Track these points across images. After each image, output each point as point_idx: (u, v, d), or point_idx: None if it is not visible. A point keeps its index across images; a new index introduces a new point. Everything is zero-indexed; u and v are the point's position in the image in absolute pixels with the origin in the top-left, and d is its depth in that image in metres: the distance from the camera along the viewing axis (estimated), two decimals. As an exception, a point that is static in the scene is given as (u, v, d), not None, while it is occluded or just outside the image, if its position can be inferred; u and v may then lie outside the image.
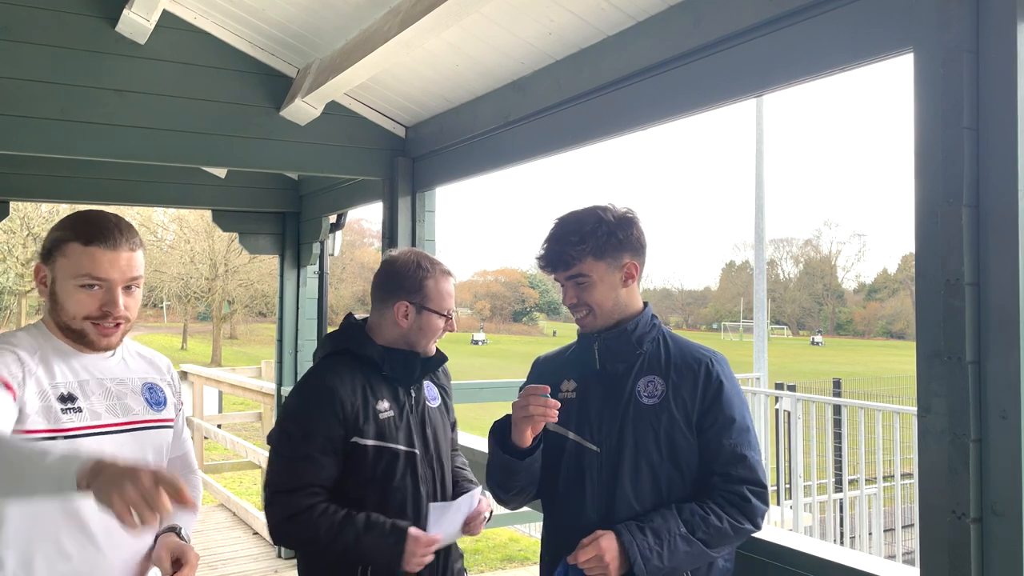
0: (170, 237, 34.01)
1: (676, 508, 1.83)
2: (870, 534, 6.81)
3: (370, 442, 2.12)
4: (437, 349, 2.33)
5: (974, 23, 1.66)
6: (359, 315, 2.36)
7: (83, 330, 1.80)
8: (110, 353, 1.89)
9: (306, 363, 5.68)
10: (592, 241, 1.89)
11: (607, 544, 1.77)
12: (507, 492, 2.01)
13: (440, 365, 2.35)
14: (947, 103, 1.68)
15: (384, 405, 2.18)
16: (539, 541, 2.14)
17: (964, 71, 1.66)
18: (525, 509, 3.46)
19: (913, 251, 1.74)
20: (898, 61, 1.88)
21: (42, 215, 28.22)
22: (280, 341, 5.73)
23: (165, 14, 3.50)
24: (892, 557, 6.48)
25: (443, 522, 2.14)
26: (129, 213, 31.38)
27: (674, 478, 1.87)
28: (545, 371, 2.09)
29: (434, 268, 2.25)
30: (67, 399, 1.75)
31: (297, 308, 5.68)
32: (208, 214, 6.90)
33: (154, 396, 1.94)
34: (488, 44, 3.05)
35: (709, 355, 1.94)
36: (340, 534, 2.04)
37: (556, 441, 1.95)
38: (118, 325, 1.82)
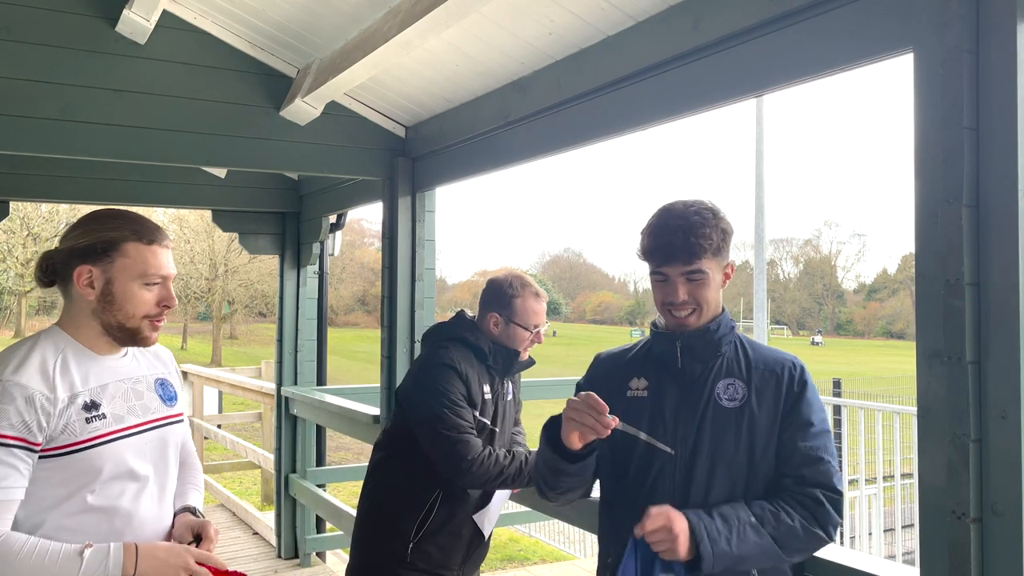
0: (170, 237, 33.95)
1: (745, 502, 1.78)
2: (870, 534, 6.81)
3: (476, 414, 2.66)
4: (529, 356, 2.84)
5: (974, 23, 1.66)
6: (470, 312, 2.87)
7: (139, 328, 1.83)
8: (124, 352, 1.90)
9: (306, 363, 5.70)
10: (716, 237, 1.84)
11: (674, 515, 1.70)
12: (552, 490, 1.97)
13: (529, 367, 2.85)
14: (947, 103, 1.68)
15: (487, 388, 2.72)
16: (538, 542, 2.14)
17: (964, 71, 1.65)
18: (525, 509, 3.47)
19: (913, 251, 1.74)
20: (898, 61, 1.88)
21: (42, 215, 28.24)
22: (280, 341, 5.73)
23: (165, 14, 3.50)
24: (892, 557, 6.48)
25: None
26: (129, 213, 31.26)
27: (751, 485, 1.82)
28: (611, 368, 2.01)
29: (524, 290, 2.75)
30: (91, 407, 1.75)
31: (297, 308, 5.68)
32: (208, 214, 6.90)
33: (166, 392, 1.96)
34: (488, 44, 3.05)
35: (790, 359, 1.91)
36: (515, 456, 2.63)
37: (626, 441, 1.87)
38: (163, 319, 1.87)
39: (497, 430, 2.76)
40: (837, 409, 7.28)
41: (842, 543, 6.91)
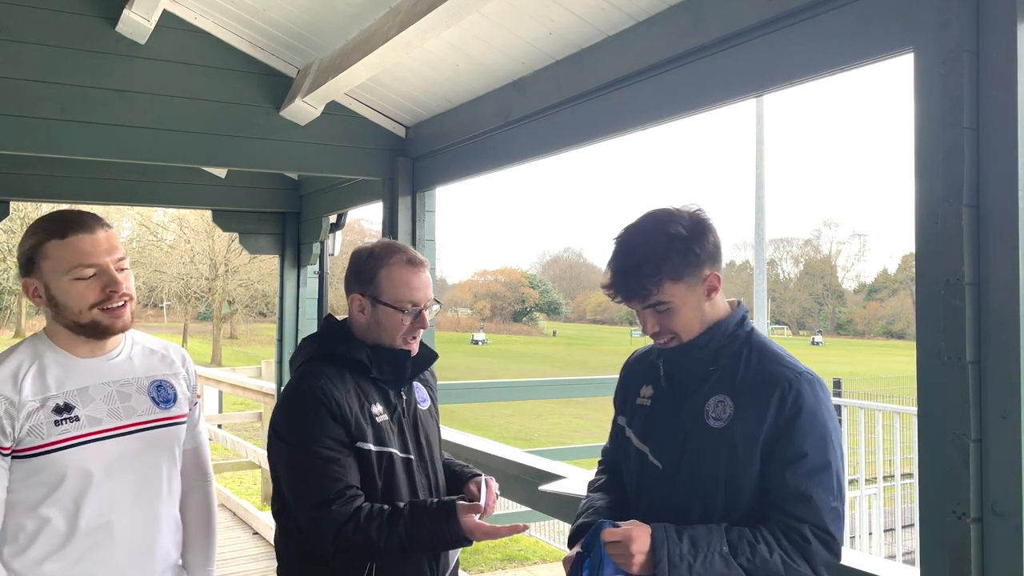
0: (170, 237, 34.00)
1: (725, 527, 1.67)
2: (870, 534, 6.81)
3: (372, 447, 1.99)
4: (424, 346, 2.15)
5: (974, 23, 1.66)
6: (340, 316, 2.19)
7: (94, 320, 1.78)
8: (115, 353, 1.87)
9: (306, 363, 5.68)
10: (668, 266, 1.70)
11: (637, 534, 1.64)
12: None
13: (429, 364, 2.18)
14: (947, 103, 1.67)
15: (378, 408, 2.03)
16: (538, 541, 2.13)
17: (964, 71, 1.65)
18: (525, 509, 3.46)
19: (913, 251, 1.74)
20: (898, 61, 1.88)
21: (42, 215, 28.20)
22: (280, 341, 5.73)
23: (165, 14, 3.50)
24: (892, 557, 6.47)
25: None
26: (129, 213, 31.34)
27: (732, 508, 1.71)
28: (631, 373, 1.98)
29: (391, 257, 2.04)
30: (63, 409, 1.75)
31: (297, 308, 5.67)
32: (208, 214, 6.90)
33: (162, 394, 1.92)
34: (488, 44, 3.05)
35: (791, 376, 1.70)
36: (392, 531, 1.90)
37: (627, 444, 1.88)
38: (124, 304, 1.81)
39: (412, 457, 2.07)
40: (837, 409, 7.28)
41: (842, 543, 6.90)
